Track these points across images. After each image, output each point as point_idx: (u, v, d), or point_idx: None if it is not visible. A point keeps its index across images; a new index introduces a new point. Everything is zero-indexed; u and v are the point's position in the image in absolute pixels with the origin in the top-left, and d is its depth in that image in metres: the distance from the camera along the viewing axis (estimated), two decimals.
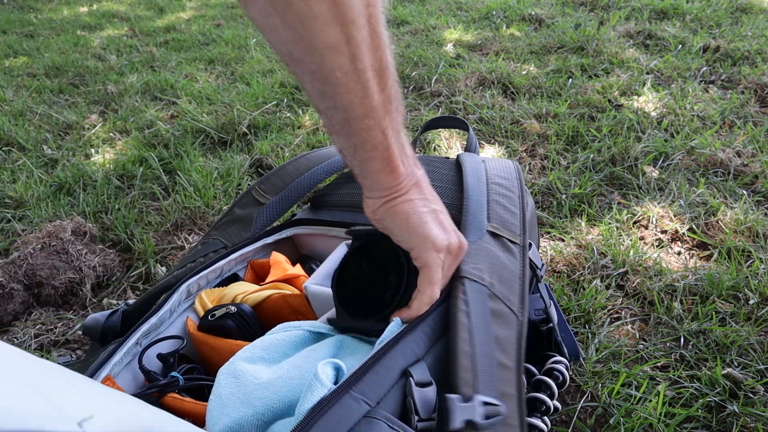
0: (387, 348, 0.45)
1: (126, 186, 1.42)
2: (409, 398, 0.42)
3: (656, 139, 1.38)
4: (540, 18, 2.35)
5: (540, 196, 1.25)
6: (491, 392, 0.45)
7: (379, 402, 0.41)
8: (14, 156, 1.59)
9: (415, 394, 0.42)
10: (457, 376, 0.45)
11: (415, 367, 0.45)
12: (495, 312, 0.51)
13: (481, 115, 1.59)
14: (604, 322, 0.92)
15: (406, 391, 0.43)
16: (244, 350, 0.51)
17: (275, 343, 0.51)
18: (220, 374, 0.49)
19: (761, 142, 1.35)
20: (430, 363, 0.47)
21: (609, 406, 0.79)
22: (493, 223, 0.60)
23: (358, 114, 0.42)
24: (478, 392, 0.44)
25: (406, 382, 0.43)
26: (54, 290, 1.05)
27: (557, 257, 1.06)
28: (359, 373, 0.42)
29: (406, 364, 0.45)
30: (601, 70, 1.81)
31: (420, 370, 0.44)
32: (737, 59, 1.79)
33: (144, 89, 2.05)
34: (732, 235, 1.06)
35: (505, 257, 0.57)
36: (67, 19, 3.36)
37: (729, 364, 0.83)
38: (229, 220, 0.79)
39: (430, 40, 2.25)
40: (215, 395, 0.48)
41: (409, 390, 0.43)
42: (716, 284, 0.95)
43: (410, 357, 0.46)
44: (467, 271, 0.53)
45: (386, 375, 0.43)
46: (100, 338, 0.67)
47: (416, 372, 0.44)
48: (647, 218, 1.14)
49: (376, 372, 0.43)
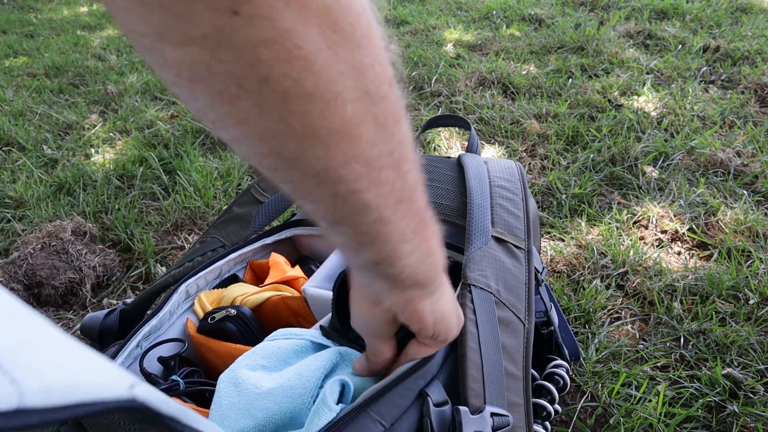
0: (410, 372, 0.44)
1: (126, 186, 1.42)
2: (426, 418, 0.43)
3: (656, 139, 1.38)
4: (540, 18, 2.35)
5: (540, 196, 1.25)
6: (500, 402, 0.46)
7: (394, 423, 0.42)
8: (14, 156, 1.59)
9: (433, 416, 0.43)
10: (467, 387, 0.45)
11: (431, 387, 0.45)
12: (502, 320, 0.51)
13: (481, 115, 1.59)
14: (604, 322, 0.92)
15: (423, 411, 0.43)
16: (244, 357, 0.51)
17: (276, 351, 0.51)
18: (220, 382, 0.49)
19: (761, 142, 1.35)
20: (444, 379, 0.47)
21: (609, 406, 0.79)
22: (497, 228, 0.59)
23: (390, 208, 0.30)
24: (487, 403, 0.44)
25: (424, 403, 0.44)
26: (54, 290, 1.05)
27: (557, 257, 1.06)
28: (379, 393, 0.43)
29: (424, 383, 0.45)
30: (601, 70, 1.81)
31: (436, 390, 0.45)
32: (737, 59, 1.79)
33: (144, 89, 2.05)
34: (732, 235, 1.06)
35: (510, 263, 0.57)
36: (67, 19, 3.36)
37: (729, 364, 0.83)
38: (228, 219, 0.79)
39: (430, 40, 2.25)
40: (216, 405, 0.48)
41: (426, 410, 0.43)
42: (716, 284, 0.95)
43: (427, 376, 0.46)
44: (474, 279, 0.52)
45: (405, 396, 0.43)
46: (98, 338, 0.67)
47: (433, 392, 0.44)
48: (647, 218, 1.14)
49: (397, 393, 0.43)
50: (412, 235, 0.32)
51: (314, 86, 0.23)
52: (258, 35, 0.21)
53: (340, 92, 0.24)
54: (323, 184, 0.27)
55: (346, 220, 0.29)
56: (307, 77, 0.23)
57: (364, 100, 0.25)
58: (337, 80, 0.23)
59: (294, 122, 0.24)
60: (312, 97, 0.23)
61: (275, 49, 0.21)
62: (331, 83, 0.23)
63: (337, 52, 0.23)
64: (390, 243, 0.31)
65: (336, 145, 0.25)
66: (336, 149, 0.26)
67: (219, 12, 0.20)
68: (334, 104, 0.24)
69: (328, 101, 0.24)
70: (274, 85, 0.22)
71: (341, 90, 0.24)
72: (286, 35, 0.21)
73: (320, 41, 0.22)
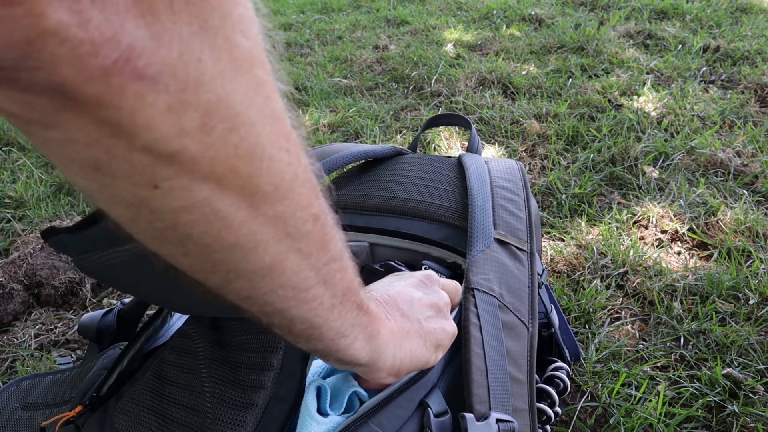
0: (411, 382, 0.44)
1: None
2: (427, 429, 0.43)
3: (656, 139, 1.38)
4: (540, 18, 2.35)
5: (540, 196, 1.25)
6: (505, 408, 0.45)
7: None
8: (14, 156, 1.59)
9: (434, 426, 0.43)
10: (472, 393, 0.45)
11: (431, 397, 0.45)
12: (506, 324, 0.51)
13: (481, 115, 1.59)
14: (604, 322, 0.92)
15: (423, 422, 0.43)
16: None
17: None
18: None
19: (761, 142, 1.35)
20: (446, 387, 0.47)
21: (609, 406, 0.79)
22: (499, 230, 0.58)
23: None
24: (492, 409, 0.44)
25: (424, 413, 0.44)
26: (54, 290, 1.05)
27: (557, 257, 1.06)
28: (381, 404, 0.42)
29: (424, 392, 0.45)
30: (601, 70, 1.81)
31: (436, 400, 0.45)
32: (737, 59, 1.79)
33: None
34: (732, 235, 1.06)
35: (513, 266, 0.56)
36: None
37: (729, 364, 0.83)
38: None
39: (430, 40, 2.25)
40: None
41: (427, 421, 0.43)
42: (716, 284, 0.95)
43: (427, 385, 0.45)
44: (477, 282, 0.52)
45: (405, 407, 0.43)
46: (96, 338, 0.67)
47: (433, 402, 0.44)
48: (647, 218, 1.14)
49: (397, 404, 0.43)
50: (350, 330, 0.33)
51: (235, 239, 0.24)
52: (177, 204, 0.22)
53: (260, 240, 0.25)
54: (251, 304, 0.28)
55: (278, 327, 0.30)
56: (227, 234, 0.24)
57: (285, 241, 0.26)
58: (256, 231, 0.25)
59: (218, 266, 0.25)
60: (233, 247, 0.24)
61: (194, 212, 0.23)
62: (250, 235, 0.24)
63: (256, 209, 0.24)
64: (324, 341, 0.32)
65: (260, 280, 0.27)
66: (260, 283, 0.27)
67: (140, 186, 0.21)
68: (255, 251, 0.25)
69: (249, 249, 0.25)
70: (196, 240, 0.24)
71: (261, 239, 0.25)
72: (204, 203, 0.22)
73: (239, 203, 0.23)
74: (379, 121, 1.63)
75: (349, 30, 2.50)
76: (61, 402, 0.62)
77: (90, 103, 0.18)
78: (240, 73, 0.21)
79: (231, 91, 0.21)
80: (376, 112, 1.68)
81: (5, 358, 0.96)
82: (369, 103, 1.76)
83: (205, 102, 0.20)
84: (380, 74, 1.97)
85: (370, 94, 1.84)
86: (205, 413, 0.44)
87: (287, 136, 0.24)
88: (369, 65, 2.04)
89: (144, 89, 0.18)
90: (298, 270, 0.27)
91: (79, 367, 0.66)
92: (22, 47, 0.16)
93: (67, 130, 0.19)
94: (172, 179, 0.21)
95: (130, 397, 0.51)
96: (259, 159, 0.23)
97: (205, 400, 0.44)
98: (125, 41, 0.17)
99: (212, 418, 0.43)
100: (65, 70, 0.17)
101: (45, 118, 0.19)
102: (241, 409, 0.43)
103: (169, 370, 0.50)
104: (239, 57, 0.21)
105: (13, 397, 0.65)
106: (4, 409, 0.64)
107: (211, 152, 0.21)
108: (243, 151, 0.22)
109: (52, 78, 0.17)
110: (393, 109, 1.69)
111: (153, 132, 0.19)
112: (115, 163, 0.20)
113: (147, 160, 0.20)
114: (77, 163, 0.21)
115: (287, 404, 0.42)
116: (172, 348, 0.52)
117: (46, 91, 0.18)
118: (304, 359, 0.44)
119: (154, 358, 0.56)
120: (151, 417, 0.48)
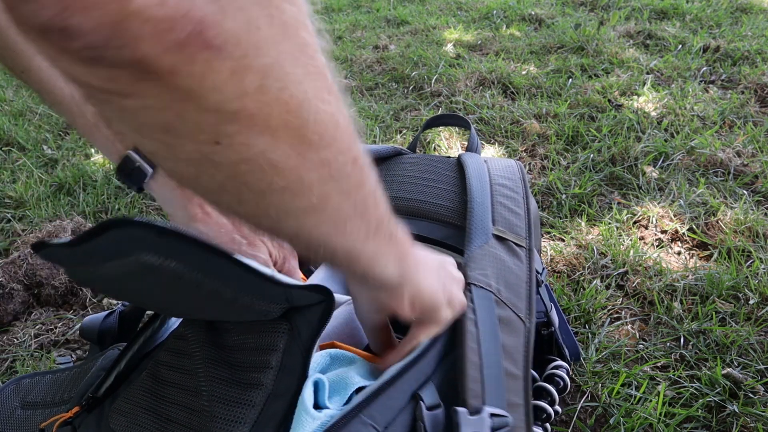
0: (402, 372, 0.44)
1: (126, 186, 1.42)
2: (420, 422, 0.42)
3: (656, 139, 1.38)
4: (540, 18, 2.35)
5: (540, 196, 1.25)
6: (499, 403, 0.45)
7: (387, 427, 0.41)
8: (14, 156, 1.59)
9: (426, 419, 0.42)
10: (465, 388, 0.45)
11: (424, 390, 0.44)
12: (502, 319, 0.51)
13: (481, 115, 1.59)
14: (604, 322, 0.92)
15: (416, 415, 0.43)
16: None
17: None
18: None
19: (761, 142, 1.35)
20: (440, 381, 0.46)
21: (609, 406, 0.79)
22: (498, 226, 0.59)
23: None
24: (486, 403, 0.44)
25: (416, 406, 0.43)
26: (54, 290, 1.05)
27: (557, 257, 1.06)
28: (372, 396, 0.42)
29: (417, 385, 0.45)
30: (601, 70, 1.81)
31: (430, 393, 0.44)
32: (737, 59, 1.79)
33: None
34: (732, 235, 1.06)
35: (511, 261, 0.56)
36: None
37: (729, 364, 0.83)
38: None
39: (430, 40, 2.25)
40: None
41: (419, 414, 0.43)
42: (716, 284, 0.95)
43: (420, 377, 0.45)
44: (473, 277, 0.52)
45: (397, 398, 0.43)
46: (98, 340, 0.67)
47: (426, 395, 0.44)
48: (647, 218, 1.14)
49: (389, 395, 0.42)
50: (383, 254, 0.37)
51: (285, 184, 0.27)
52: (236, 157, 0.25)
53: (308, 183, 0.28)
54: (298, 240, 0.32)
55: (322, 257, 0.34)
56: (279, 179, 0.27)
57: (329, 182, 0.29)
58: (304, 176, 0.28)
59: (270, 209, 0.29)
60: (283, 190, 0.28)
61: (251, 164, 0.25)
62: (299, 179, 0.27)
63: (304, 156, 0.27)
64: (362, 265, 0.36)
65: (306, 218, 0.30)
66: (306, 220, 0.30)
67: (203, 143, 0.24)
68: (303, 192, 0.28)
69: (298, 192, 0.28)
70: (251, 187, 0.27)
71: (308, 182, 0.28)
72: (260, 154, 0.25)
73: (289, 152, 0.26)
74: (379, 121, 1.63)
75: (349, 30, 2.50)
76: (60, 402, 0.61)
77: (165, 73, 0.20)
78: (288, 36, 0.24)
79: (282, 54, 0.23)
80: (376, 112, 1.68)
81: (5, 358, 0.96)
82: (369, 103, 1.76)
83: (262, 65, 0.23)
84: (380, 74, 1.97)
85: (370, 94, 1.84)
86: (202, 412, 0.44)
87: (329, 89, 0.27)
88: (369, 65, 2.04)
89: (212, 57, 0.21)
90: (339, 207, 0.31)
91: (78, 367, 0.66)
92: (111, 28, 0.18)
93: (144, 97, 0.21)
94: (233, 135, 0.24)
95: (126, 398, 0.51)
96: (306, 112, 0.25)
97: (203, 400, 0.44)
98: (197, 16, 0.20)
99: (210, 416, 0.43)
100: (146, 45, 0.19)
101: (124, 89, 0.21)
102: (239, 407, 0.43)
103: (165, 371, 0.50)
104: (287, 22, 0.23)
105: (12, 395, 0.65)
106: (4, 408, 0.64)
107: (267, 109, 0.24)
108: (293, 107, 0.25)
109: (135, 54, 0.19)
110: (393, 109, 1.69)
111: (218, 94, 0.22)
112: (183, 124, 0.23)
113: (212, 120, 0.23)
114: (149, 127, 0.23)
115: (286, 401, 0.42)
116: (167, 349, 0.52)
117: (128, 66, 0.20)
118: (305, 357, 0.43)
119: (150, 360, 0.56)
120: (148, 417, 0.48)
